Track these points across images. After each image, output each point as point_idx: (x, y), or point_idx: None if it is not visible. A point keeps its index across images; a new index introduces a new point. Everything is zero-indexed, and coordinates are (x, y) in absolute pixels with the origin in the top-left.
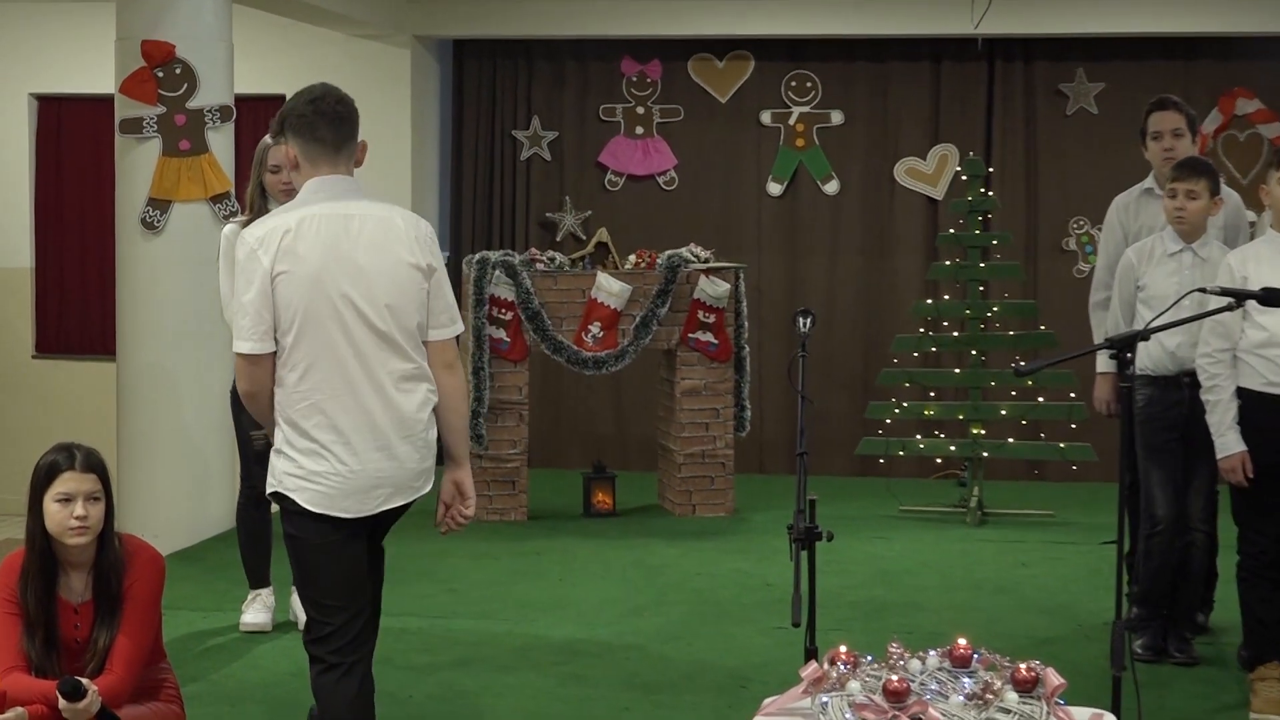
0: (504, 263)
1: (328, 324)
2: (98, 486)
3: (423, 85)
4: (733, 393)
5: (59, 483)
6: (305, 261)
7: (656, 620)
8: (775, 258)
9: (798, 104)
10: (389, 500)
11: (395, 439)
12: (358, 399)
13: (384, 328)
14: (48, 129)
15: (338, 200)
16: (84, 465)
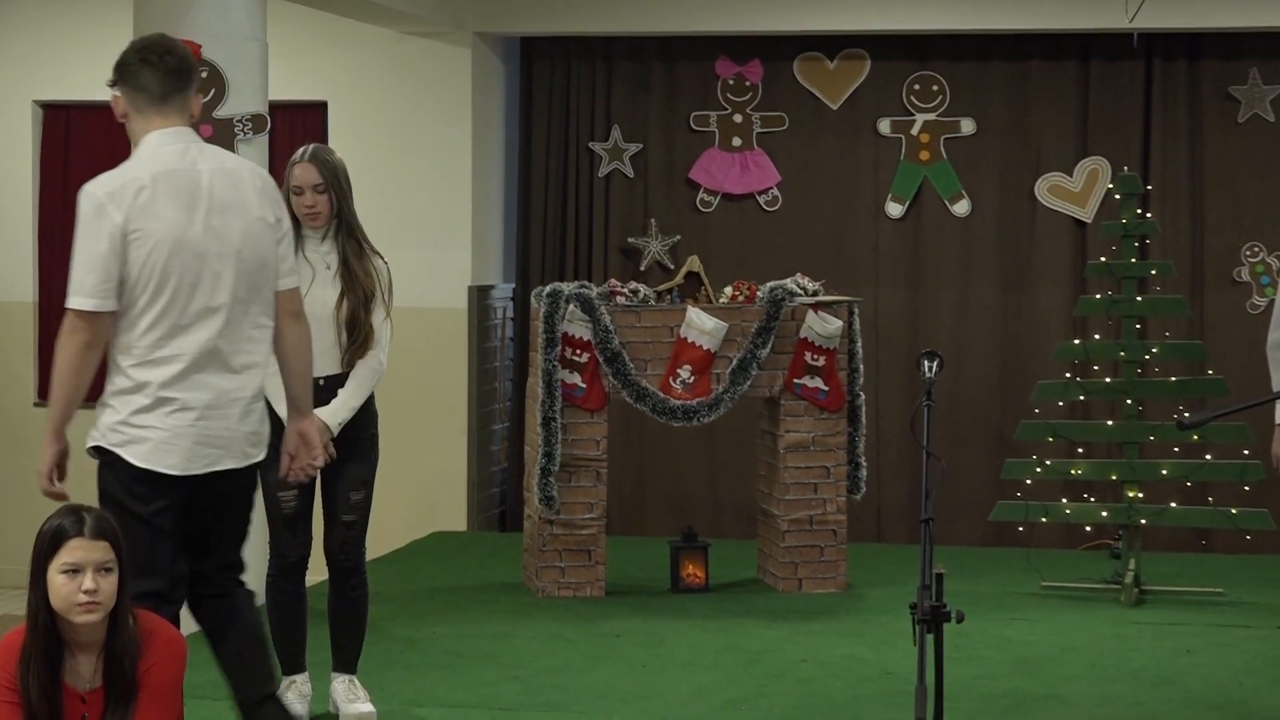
0: (579, 296)
1: (187, 285)
2: (110, 556)
3: (485, 90)
4: (845, 448)
5: (65, 551)
6: (164, 221)
7: (755, 715)
8: (895, 290)
9: (922, 111)
10: (218, 461)
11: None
12: (213, 360)
13: (244, 287)
14: (54, 140)
15: (185, 155)
16: (94, 531)
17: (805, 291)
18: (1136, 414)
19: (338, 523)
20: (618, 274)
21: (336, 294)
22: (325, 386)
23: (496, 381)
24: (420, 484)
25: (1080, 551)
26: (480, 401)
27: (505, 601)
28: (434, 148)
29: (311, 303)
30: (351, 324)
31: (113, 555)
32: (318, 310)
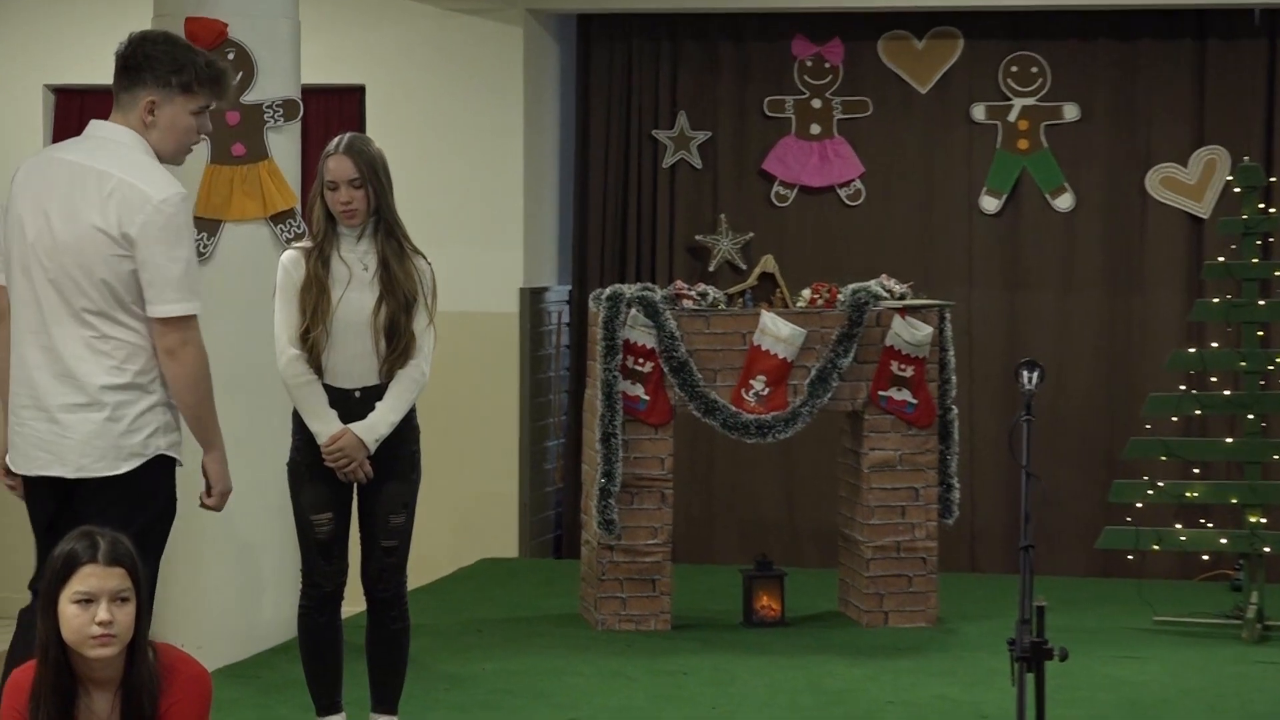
0: (642, 299)
1: (18, 272)
2: (126, 584)
3: (539, 72)
4: (936, 468)
5: (77, 579)
6: (19, 203)
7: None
8: (991, 293)
9: (1020, 95)
10: (48, 467)
11: (61, 405)
12: (26, 353)
13: (62, 289)
14: (66, 128)
15: (67, 145)
16: (109, 557)
17: (891, 294)
18: (1259, 430)
19: (376, 549)
20: (684, 275)
21: (374, 298)
22: (362, 399)
23: (551, 393)
24: (467, 506)
25: (1197, 582)
26: (533, 415)
27: (560, 635)
28: (482, 136)
29: (347, 307)
30: (391, 331)
31: (129, 583)
32: (354, 315)
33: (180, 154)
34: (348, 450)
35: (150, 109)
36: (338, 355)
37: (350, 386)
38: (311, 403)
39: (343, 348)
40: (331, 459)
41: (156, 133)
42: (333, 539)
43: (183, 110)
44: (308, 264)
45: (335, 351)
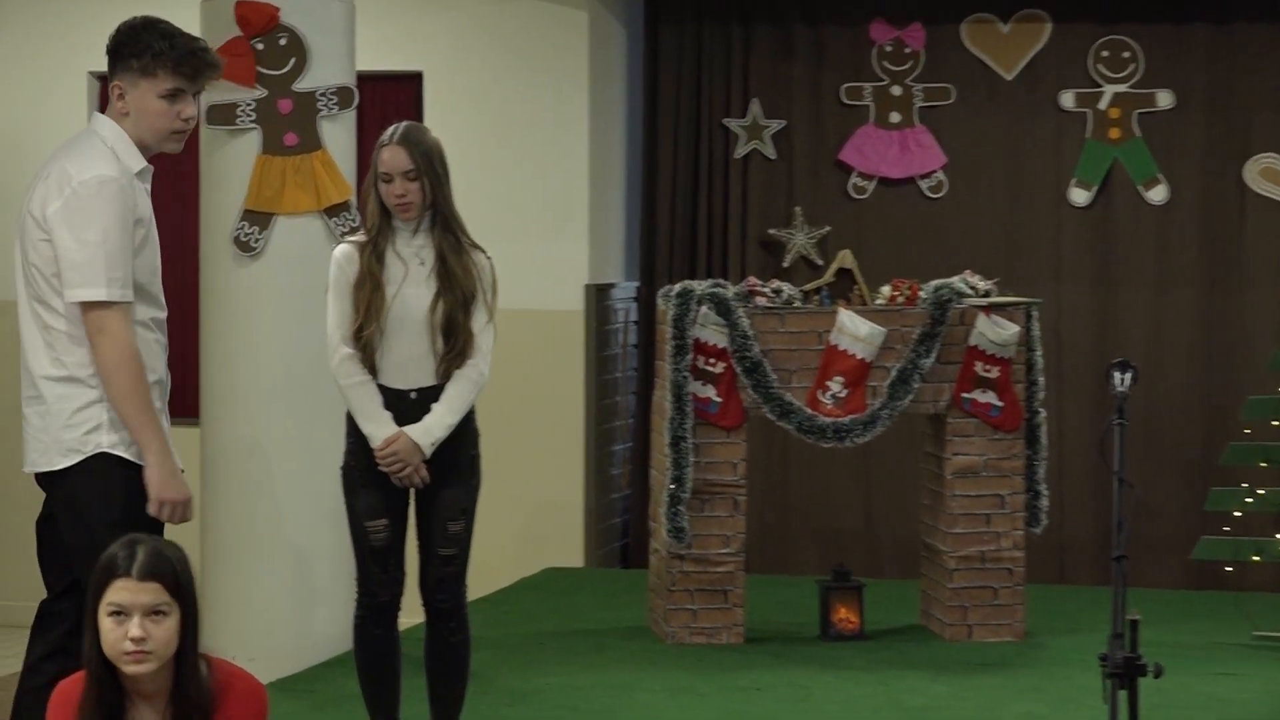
0: (713, 297)
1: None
2: (162, 598)
3: (605, 58)
4: (1023, 474)
5: (112, 591)
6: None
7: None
8: (1081, 290)
9: (1111, 81)
10: (30, 462)
11: (24, 397)
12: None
13: (24, 282)
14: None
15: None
16: (144, 571)
17: (975, 292)
18: None
19: (434, 557)
20: (757, 271)
21: (431, 294)
22: (418, 400)
23: (618, 395)
24: (530, 513)
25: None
26: (599, 418)
27: (628, 648)
28: (545, 126)
29: (403, 304)
30: (448, 329)
31: (167, 598)
32: (410, 312)
33: (162, 140)
34: (402, 454)
35: (120, 95)
36: (393, 354)
37: (406, 387)
38: (365, 404)
39: (398, 346)
40: (385, 463)
41: (130, 120)
42: (388, 547)
43: (148, 94)
44: (361, 259)
45: (390, 350)
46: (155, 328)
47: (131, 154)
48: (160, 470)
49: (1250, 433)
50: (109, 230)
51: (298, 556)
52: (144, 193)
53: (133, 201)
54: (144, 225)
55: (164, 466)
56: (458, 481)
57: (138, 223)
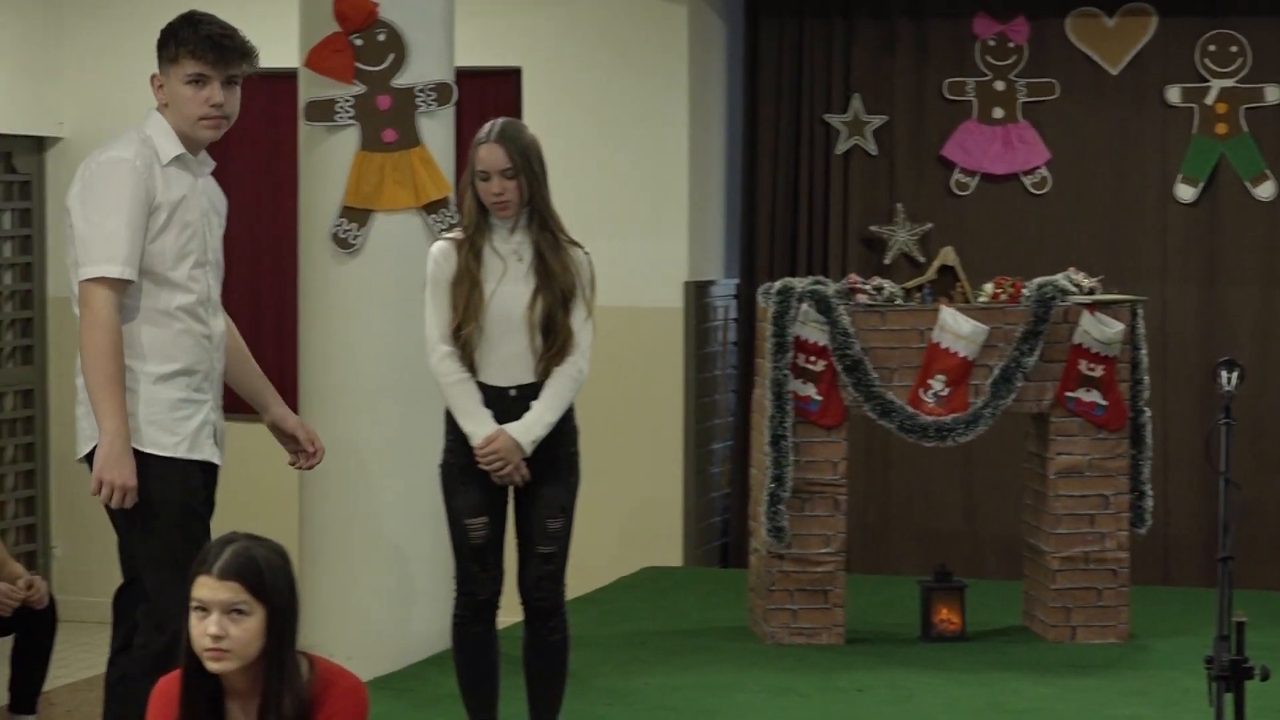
0: (814, 294)
1: None
2: (242, 597)
3: (704, 54)
4: (1128, 474)
5: (196, 587)
6: None
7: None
8: (1187, 288)
9: (1219, 76)
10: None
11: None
12: None
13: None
14: None
15: None
16: (225, 570)
17: (1080, 289)
18: None
19: (533, 555)
20: (858, 268)
21: (530, 292)
22: (517, 397)
23: (717, 393)
24: (629, 512)
25: None
26: (698, 416)
27: (728, 649)
28: (644, 121)
29: (501, 302)
30: (547, 326)
31: (247, 597)
32: (509, 310)
33: (195, 126)
34: (503, 452)
35: (159, 86)
36: (492, 352)
37: (505, 384)
38: (465, 402)
39: (497, 344)
40: (485, 461)
41: (169, 109)
42: (487, 544)
43: (176, 81)
44: (459, 256)
45: (489, 348)
46: (184, 316)
47: (169, 142)
48: (108, 450)
49: None
50: (113, 210)
51: (396, 555)
52: (178, 179)
53: (150, 184)
54: (165, 210)
55: (113, 447)
56: (557, 479)
57: (157, 207)
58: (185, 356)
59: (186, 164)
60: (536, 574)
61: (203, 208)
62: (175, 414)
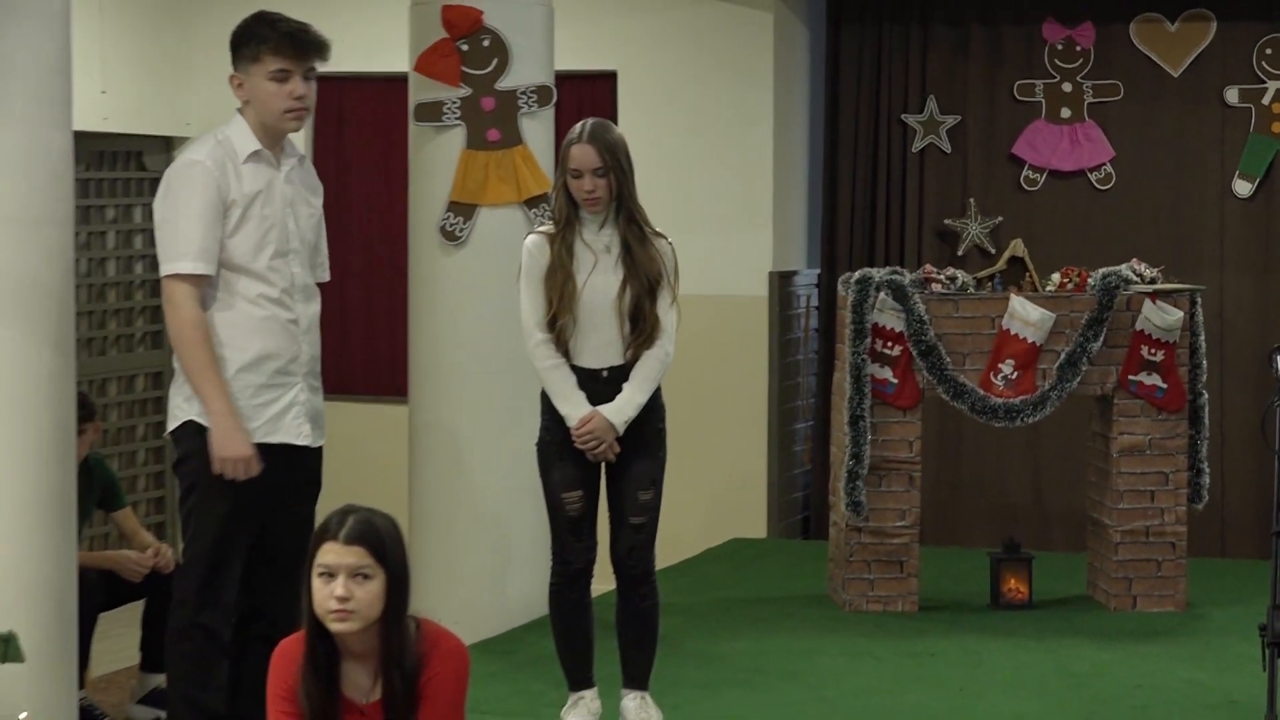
0: (891, 283)
1: None
2: (366, 561)
3: (789, 57)
4: (1186, 452)
5: (321, 553)
6: None
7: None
8: (1244, 278)
9: (1275, 78)
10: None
11: None
12: None
13: None
14: (326, 115)
15: None
16: (350, 536)
17: (1142, 279)
18: None
19: (625, 525)
20: (933, 259)
21: (619, 282)
22: (609, 379)
23: (800, 376)
24: (716, 486)
25: None
26: (782, 398)
27: (809, 615)
28: (732, 121)
29: (592, 292)
30: (635, 314)
31: (371, 561)
32: (599, 300)
33: (279, 119)
34: (597, 432)
35: (239, 85)
36: (584, 339)
37: (597, 367)
38: (560, 386)
39: (589, 332)
40: (581, 441)
41: (252, 107)
42: (582, 516)
43: (259, 78)
44: (552, 250)
45: (581, 336)
46: (266, 304)
47: (246, 140)
48: (220, 429)
49: None
50: (185, 210)
51: (497, 526)
52: (254, 174)
53: (222, 183)
54: (241, 205)
55: (223, 425)
56: (646, 453)
57: (232, 203)
58: (268, 343)
59: (264, 158)
60: (628, 543)
61: (286, 198)
62: (255, 400)
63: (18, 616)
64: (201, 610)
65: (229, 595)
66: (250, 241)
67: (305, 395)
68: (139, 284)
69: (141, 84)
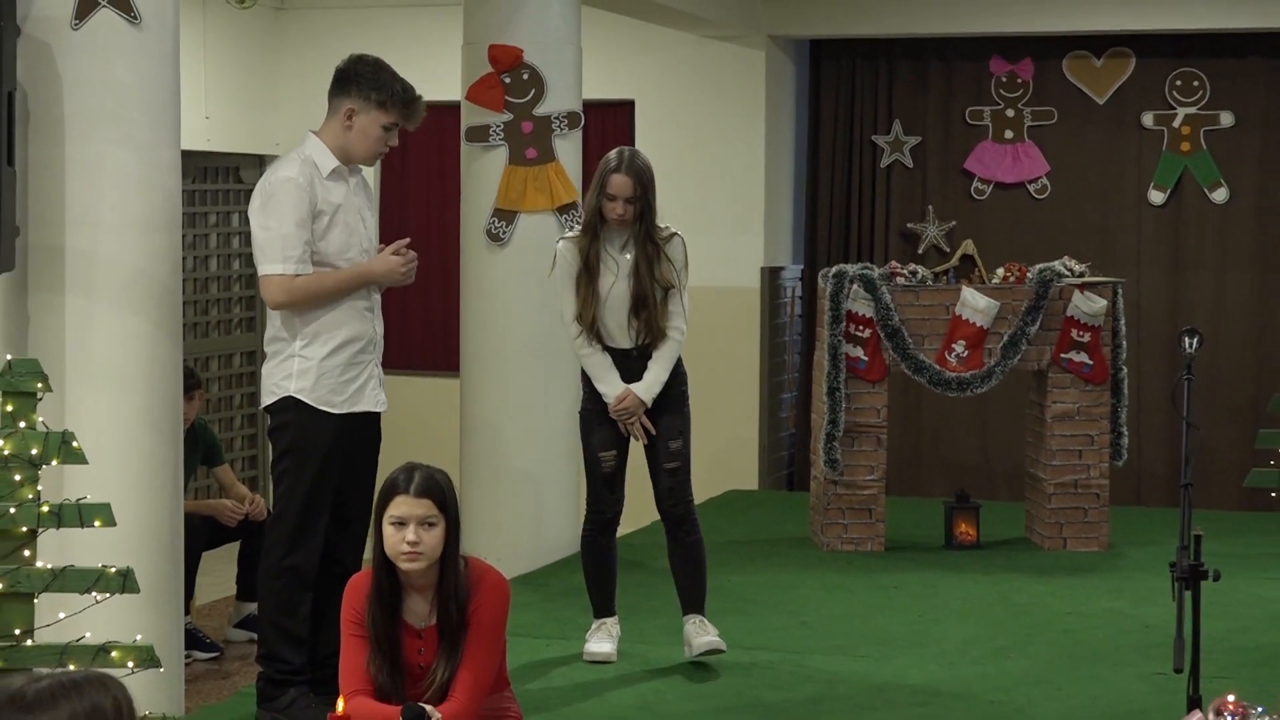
0: (862, 276)
1: None
2: (432, 512)
3: (778, 88)
4: (1109, 418)
5: (394, 505)
6: None
7: (1023, 662)
8: (1157, 272)
9: (1183, 105)
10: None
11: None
12: None
13: None
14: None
15: None
16: (419, 489)
17: (1072, 273)
18: None
19: (661, 471)
20: (898, 256)
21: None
22: (638, 356)
23: (786, 354)
24: (716, 447)
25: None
26: (771, 373)
27: (793, 555)
28: (730, 141)
29: (616, 296)
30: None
31: (436, 511)
32: (621, 302)
33: (370, 157)
34: (631, 407)
35: (349, 115)
36: (611, 331)
37: (627, 347)
38: (598, 369)
39: (614, 326)
40: (617, 415)
41: (352, 135)
42: (615, 473)
43: (375, 122)
44: (580, 255)
45: (608, 330)
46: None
47: (327, 159)
48: (370, 271)
49: None
50: (284, 219)
51: (533, 481)
52: (336, 188)
53: (311, 195)
54: (328, 213)
55: (365, 272)
56: (673, 409)
57: (320, 213)
58: (352, 328)
59: (340, 174)
60: (666, 485)
61: (357, 206)
62: (342, 378)
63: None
64: (290, 554)
65: (316, 541)
66: (338, 243)
67: (378, 370)
68: (236, 278)
69: (238, 110)
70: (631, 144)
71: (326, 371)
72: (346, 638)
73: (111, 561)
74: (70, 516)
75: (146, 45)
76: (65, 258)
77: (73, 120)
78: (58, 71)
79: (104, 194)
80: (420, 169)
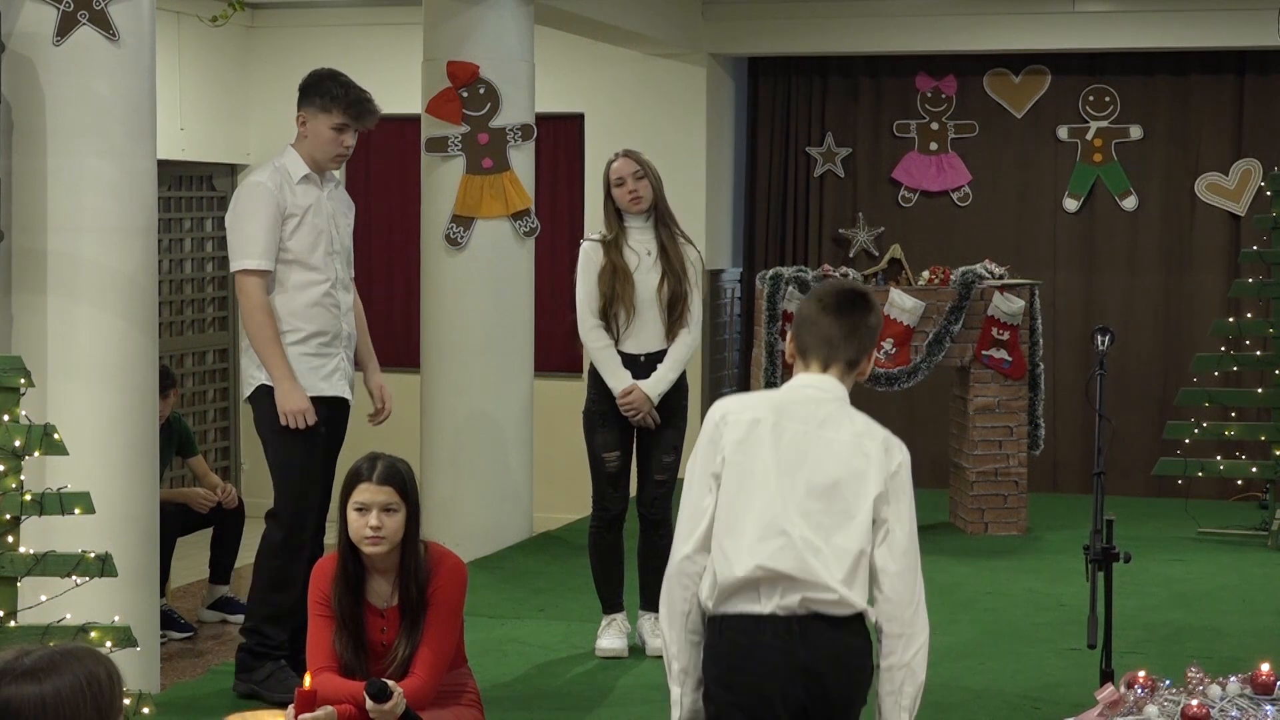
0: (797, 278)
1: None
2: (394, 499)
3: (717, 102)
4: (1026, 410)
5: (357, 492)
6: None
7: (946, 639)
8: (1071, 274)
9: (1095, 119)
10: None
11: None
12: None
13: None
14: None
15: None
16: (381, 477)
17: (992, 275)
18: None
19: (650, 480)
20: (830, 260)
21: (659, 276)
22: (646, 363)
23: (726, 351)
24: None
25: (1232, 502)
26: (713, 368)
27: None
28: (674, 152)
29: (642, 287)
30: (672, 303)
31: (397, 498)
32: (646, 292)
33: (325, 160)
34: (637, 402)
35: (303, 123)
36: (634, 327)
37: (638, 352)
38: (608, 363)
39: (637, 321)
40: (624, 408)
41: (307, 142)
42: (619, 472)
43: (323, 125)
44: (605, 253)
45: (629, 325)
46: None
47: (298, 166)
48: (281, 390)
49: (1197, 381)
50: (251, 219)
51: (489, 469)
52: (305, 192)
53: (280, 199)
54: (297, 215)
55: (282, 386)
56: (672, 424)
57: (290, 215)
58: (318, 322)
59: (313, 180)
60: (652, 494)
61: (329, 211)
62: (309, 365)
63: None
64: (292, 533)
65: (313, 519)
66: (306, 242)
67: (345, 364)
68: (209, 280)
69: (211, 122)
70: (581, 155)
71: (294, 358)
72: (313, 618)
73: (91, 547)
74: (52, 505)
75: (124, 61)
76: (48, 261)
77: (54, 131)
78: (40, 86)
79: (84, 201)
80: (383, 178)
